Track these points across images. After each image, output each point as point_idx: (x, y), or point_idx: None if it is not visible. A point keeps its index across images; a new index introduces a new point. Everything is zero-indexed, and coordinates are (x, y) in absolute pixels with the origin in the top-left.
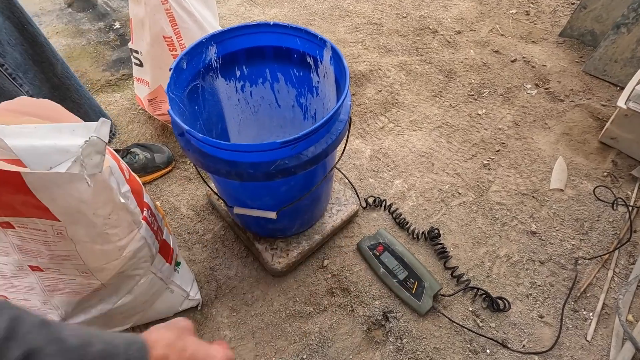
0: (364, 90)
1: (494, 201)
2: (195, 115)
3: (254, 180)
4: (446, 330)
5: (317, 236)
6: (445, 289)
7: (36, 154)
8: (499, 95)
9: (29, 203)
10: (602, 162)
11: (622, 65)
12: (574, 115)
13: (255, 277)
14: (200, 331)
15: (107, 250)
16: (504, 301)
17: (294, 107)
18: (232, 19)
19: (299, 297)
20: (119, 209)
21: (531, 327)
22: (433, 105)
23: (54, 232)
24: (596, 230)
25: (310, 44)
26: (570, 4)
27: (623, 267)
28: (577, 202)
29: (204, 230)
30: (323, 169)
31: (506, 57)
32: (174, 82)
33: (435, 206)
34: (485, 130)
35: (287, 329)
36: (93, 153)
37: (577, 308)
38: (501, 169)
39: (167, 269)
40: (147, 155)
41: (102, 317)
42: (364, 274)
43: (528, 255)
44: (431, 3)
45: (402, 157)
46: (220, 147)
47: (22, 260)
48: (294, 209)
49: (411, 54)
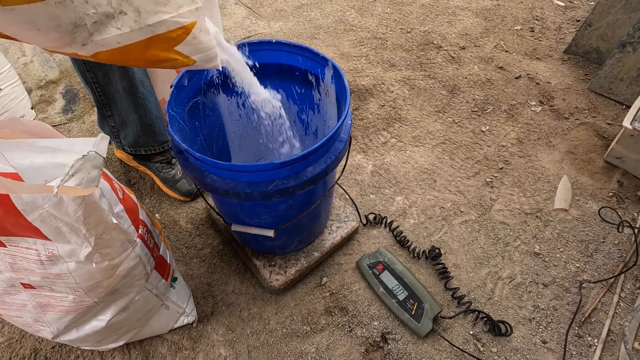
0: (366, 105)
1: (497, 220)
2: (196, 131)
3: (252, 200)
4: (446, 354)
5: (316, 253)
6: (446, 310)
7: (33, 167)
8: (502, 112)
9: (20, 224)
10: (608, 182)
11: (628, 83)
12: (579, 134)
13: (253, 294)
14: (195, 349)
15: (100, 269)
16: (505, 325)
17: (295, 123)
18: (238, 31)
19: (296, 316)
20: (112, 229)
21: (534, 353)
22: (436, 121)
23: (46, 251)
24: (601, 253)
25: (312, 62)
26: (575, 21)
27: (629, 291)
28: (581, 223)
29: (203, 245)
30: (323, 187)
31: (510, 73)
32: (175, 99)
33: (437, 224)
34: (489, 147)
35: (284, 349)
36: (90, 168)
37: (581, 334)
38: (504, 187)
39: (162, 285)
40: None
41: (95, 334)
42: (362, 293)
43: (531, 277)
44: (436, 18)
45: (404, 173)
46: (218, 166)
47: (14, 278)
48: (293, 226)
49: (415, 69)
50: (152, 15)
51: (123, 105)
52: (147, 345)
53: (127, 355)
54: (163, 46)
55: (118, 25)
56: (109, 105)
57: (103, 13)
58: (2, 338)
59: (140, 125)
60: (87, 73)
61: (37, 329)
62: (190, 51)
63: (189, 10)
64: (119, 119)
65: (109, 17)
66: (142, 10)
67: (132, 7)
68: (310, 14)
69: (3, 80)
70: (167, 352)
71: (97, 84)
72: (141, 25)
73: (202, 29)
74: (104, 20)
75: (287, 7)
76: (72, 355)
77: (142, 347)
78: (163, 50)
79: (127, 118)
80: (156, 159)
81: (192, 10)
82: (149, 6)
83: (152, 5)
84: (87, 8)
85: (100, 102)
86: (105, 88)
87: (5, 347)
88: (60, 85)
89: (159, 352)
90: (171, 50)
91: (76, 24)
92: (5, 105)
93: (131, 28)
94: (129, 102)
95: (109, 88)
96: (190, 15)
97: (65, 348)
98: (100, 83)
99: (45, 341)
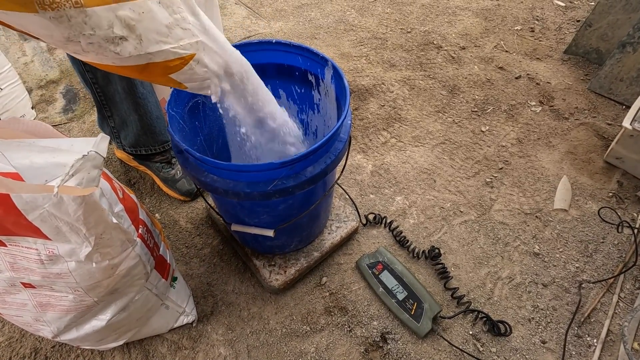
0: (366, 105)
1: (497, 220)
2: (196, 130)
3: (252, 200)
4: (445, 354)
5: (316, 253)
6: (445, 310)
7: (33, 167)
8: (502, 112)
9: (20, 223)
10: (608, 182)
11: (628, 84)
12: (579, 134)
13: (252, 293)
14: (194, 349)
15: (100, 269)
16: (505, 325)
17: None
18: (238, 31)
19: (295, 316)
20: (112, 229)
21: (533, 353)
22: (436, 121)
23: (46, 250)
24: (601, 253)
25: (312, 62)
26: (575, 21)
27: (629, 292)
28: (581, 223)
29: (202, 244)
30: (322, 187)
31: (510, 73)
32: (175, 99)
33: (437, 224)
34: (489, 147)
35: (283, 348)
36: (90, 167)
37: (580, 334)
38: (504, 188)
39: (162, 285)
40: (179, 173)
41: (95, 334)
42: (362, 293)
43: (531, 277)
44: (436, 18)
45: (404, 173)
46: (218, 166)
47: (15, 278)
48: (293, 226)
49: (415, 69)
50: (153, 44)
51: (123, 106)
52: (147, 345)
53: (127, 354)
54: (158, 72)
55: (117, 50)
56: (108, 105)
57: (102, 36)
58: (2, 337)
59: (140, 125)
60: (87, 74)
61: (37, 328)
62: (184, 79)
63: (189, 43)
64: (119, 120)
65: (107, 41)
66: (145, 38)
67: (135, 34)
68: (310, 14)
69: (3, 80)
70: (167, 352)
71: (97, 84)
72: (140, 53)
73: (199, 61)
74: (102, 43)
75: (287, 7)
76: (72, 354)
77: (142, 347)
78: (157, 75)
79: (127, 118)
80: (156, 158)
81: (192, 43)
82: (152, 35)
83: (155, 35)
84: (84, 28)
85: (100, 102)
86: (105, 88)
87: (6, 346)
88: (60, 85)
89: (158, 351)
90: (165, 76)
91: (69, 39)
92: (6, 105)
93: (130, 54)
94: (129, 102)
95: (108, 88)
96: (190, 48)
97: (65, 347)
98: (99, 84)
99: (46, 340)
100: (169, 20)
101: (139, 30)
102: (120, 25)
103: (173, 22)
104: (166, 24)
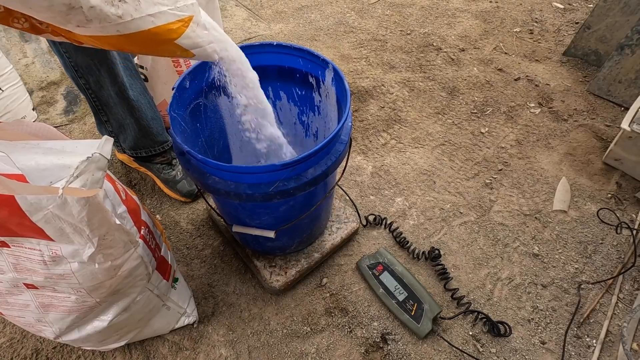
0: (366, 106)
1: (496, 221)
2: (197, 132)
3: (253, 201)
4: (445, 355)
5: (316, 254)
6: (445, 311)
7: (38, 168)
8: (502, 114)
9: (24, 224)
10: (606, 183)
11: (627, 86)
12: (578, 135)
13: (253, 294)
14: (195, 349)
15: (103, 270)
16: (504, 326)
17: (295, 125)
18: (238, 33)
19: (296, 316)
20: (115, 230)
21: (533, 354)
22: (436, 123)
23: (49, 251)
24: (600, 254)
25: (312, 65)
26: (574, 23)
27: (628, 292)
28: (580, 224)
29: (203, 245)
30: (323, 188)
31: (510, 75)
32: (176, 101)
33: (436, 225)
34: (488, 148)
35: (284, 349)
36: (95, 169)
37: (580, 334)
38: (503, 189)
39: (164, 286)
40: (179, 174)
41: (97, 335)
42: (362, 294)
43: (530, 278)
44: (435, 20)
45: (404, 174)
46: (220, 168)
47: (17, 278)
48: (293, 227)
49: (415, 71)
50: (151, 6)
51: (118, 110)
52: (148, 346)
53: (128, 355)
54: (164, 38)
55: (119, 12)
56: (104, 110)
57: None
58: (4, 338)
59: (137, 128)
60: (80, 80)
61: (39, 329)
62: (190, 45)
63: (185, 5)
64: (116, 124)
65: (107, 3)
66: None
67: None
68: (310, 15)
69: (5, 82)
70: (168, 353)
71: (90, 89)
72: (142, 15)
73: (199, 23)
74: (103, 6)
75: (288, 9)
76: (73, 355)
77: (143, 348)
78: (164, 43)
79: (123, 122)
80: (157, 160)
81: (188, 5)
82: None
83: None
84: None
85: (96, 107)
86: (99, 93)
87: (7, 347)
88: (61, 86)
89: (160, 352)
90: (172, 43)
91: (70, 5)
92: (7, 107)
93: (132, 16)
94: (123, 106)
95: (102, 93)
96: (187, 10)
97: (66, 348)
98: (93, 89)
99: (47, 341)
100: None
101: None
102: None
103: None
104: None
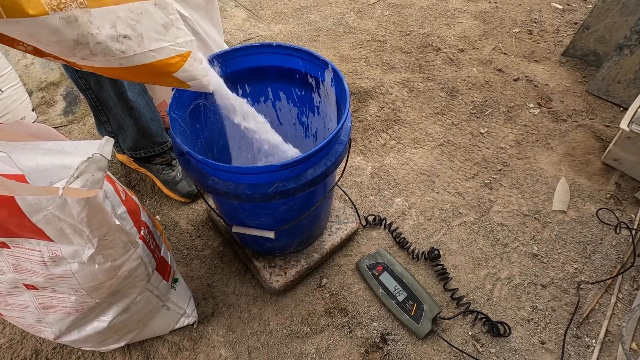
0: (366, 107)
1: (496, 222)
2: (197, 133)
3: (253, 202)
4: (445, 355)
5: (316, 255)
6: (445, 311)
7: (39, 169)
8: (501, 114)
9: (24, 225)
10: (606, 183)
11: (625, 86)
12: (577, 136)
13: (253, 295)
14: (195, 350)
15: (103, 270)
16: (504, 326)
17: (295, 125)
18: (238, 34)
19: (296, 317)
20: (114, 231)
21: (532, 354)
22: (435, 123)
23: (49, 252)
24: (599, 254)
25: (312, 65)
26: (573, 24)
27: (627, 292)
28: (579, 225)
29: (203, 246)
30: (323, 189)
31: (509, 75)
32: (176, 102)
33: (436, 226)
34: (487, 149)
35: (284, 350)
36: (95, 170)
37: (579, 334)
38: (503, 189)
39: (163, 286)
40: (179, 175)
41: (97, 335)
42: (362, 294)
43: (529, 278)
44: (435, 21)
45: (403, 175)
46: (219, 168)
47: (17, 279)
48: (293, 228)
49: (414, 71)
50: (153, 42)
51: (117, 110)
52: (147, 346)
53: (128, 356)
54: (163, 71)
55: (122, 48)
56: (104, 111)
57: (107, 35)
58: (3, 339)
59: (137, 128)
60: (80, 80)
61: (39, 329)
62: (187, 77)
63: (184, 41)
64: (115, 124)
65: (112, 39)
66: (145, 37)
67: (137, 33)
68: (309, 16)
69: (4, 82)
70: (167, 353)
71: (91, 90)
72: (144, 50)
73: (196, 59)
74: (108, 42)
75: (287, 10)
76: (73, 356)
77: (142, 348)
78: (163, 75)
79: (123, 123)
80: (156, 160)
81: (187, 42)
82: (152, 34)
83: (154, 34)
84: (90, 28)
85: (96, 107)
86: (99, 94)
87: (7, 348)
88: (61, 87)
89: (159, 352)
90: (170, 76)
91: (78, 41)
92: (7, 107)
93: (135, 52)
94: (122, 107)
95: (102, 94)
96: (186, 45)
97: (66, 349)
98: (93, 90)
99: (46, 342)
100: (165, 20)
101: (139, 29)
102: (123, 25)
103: (169, 22)
104: (163, 24)
